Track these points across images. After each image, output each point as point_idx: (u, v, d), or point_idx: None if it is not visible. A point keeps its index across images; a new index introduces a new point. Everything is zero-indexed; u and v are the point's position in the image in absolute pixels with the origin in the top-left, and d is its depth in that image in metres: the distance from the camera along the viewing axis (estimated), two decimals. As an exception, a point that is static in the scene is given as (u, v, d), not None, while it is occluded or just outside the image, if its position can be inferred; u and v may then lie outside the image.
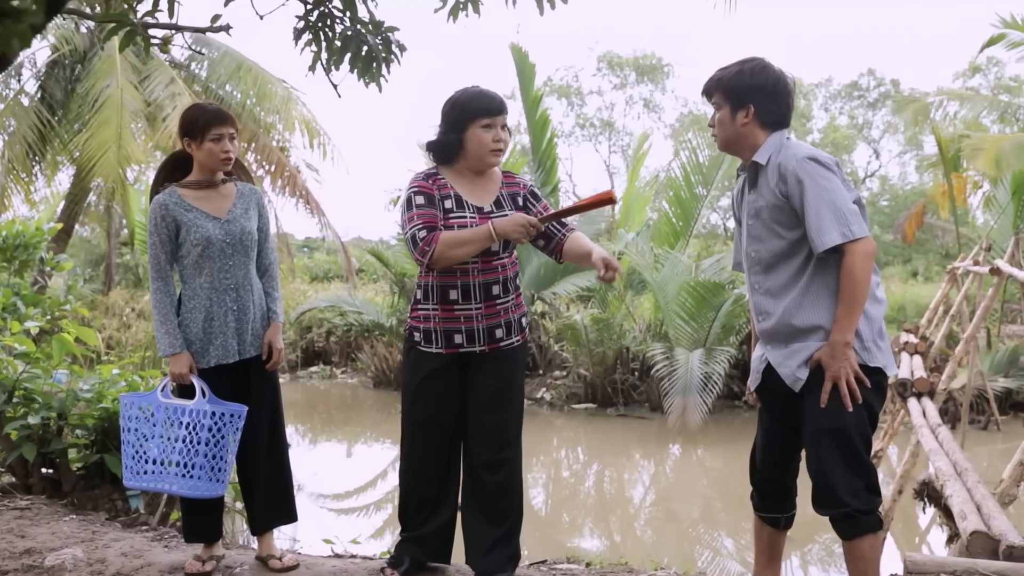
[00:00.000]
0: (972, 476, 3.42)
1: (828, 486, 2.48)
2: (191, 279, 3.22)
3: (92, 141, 10.02)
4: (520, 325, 3.12)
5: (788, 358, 2.59)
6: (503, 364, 3.07)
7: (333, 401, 13.91)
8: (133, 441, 3.02)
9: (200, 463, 2.97)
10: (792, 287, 2.57)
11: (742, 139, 2.66)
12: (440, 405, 3.09)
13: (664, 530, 7.37)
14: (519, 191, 3.10)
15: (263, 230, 3.39)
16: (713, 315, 10.72)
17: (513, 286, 3.09)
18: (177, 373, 3.11)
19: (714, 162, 12.45)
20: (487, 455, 3.08)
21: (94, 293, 15.29)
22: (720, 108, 2.67)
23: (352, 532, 6.53)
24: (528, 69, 13.40)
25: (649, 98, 34.23)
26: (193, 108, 3.32)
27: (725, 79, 2.66)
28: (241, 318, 3.24)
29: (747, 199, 2.70)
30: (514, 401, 3.12)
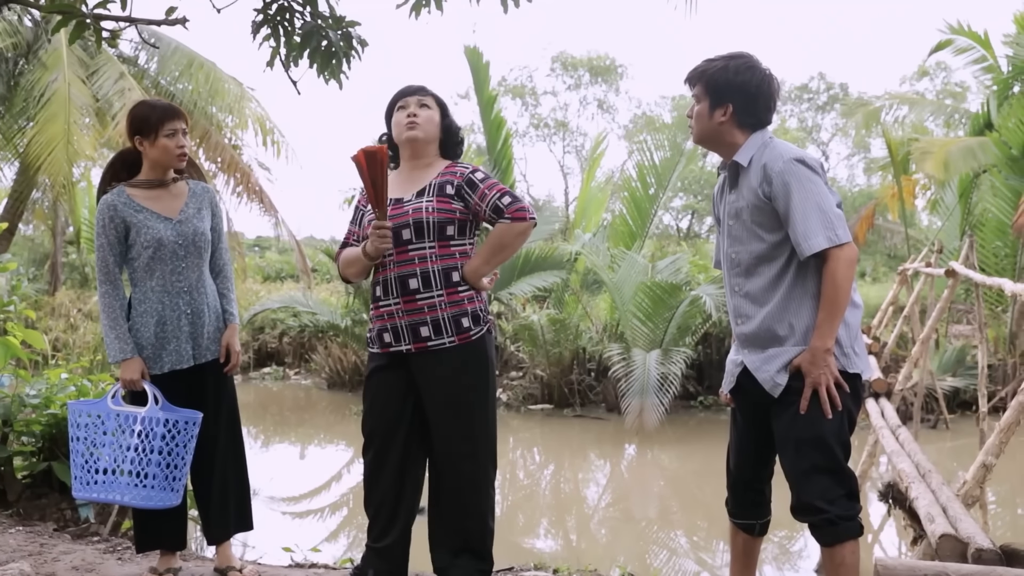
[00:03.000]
0: (936, 478, 3.44)
1: (808, 494, 2.45)
2: (142, 282, 3.11)
3: (39, 137, 9.73)
4: (457, 325, 2.85)
5: (766, 363, 2.55)
6: (441, 367, 2.87)
7: (286, 402, 13.70)
8: (82, 450, 2.90)
9: (153, 472, 2.87)
10: (773, 291, 2.53)
11: (717, 136, 2.61)
12: (386, 407, 2.94)
13: (621, 530, 7.36)
14: (453, 180, 2.92)
15: (216, 230, 3.29)
16: (669, 316, 10.75)
17: (442, 281, 2.85)
18: (128, 379, 3.00)
19: (669, 163, 12.51)
20: (440, 464, 2.95)
21: (39, 293, 14.89)
22: (699, 101, 2.61)
23: (310, 537, 6.41)
24: (482, 70, 13.35)
25: (603, 99, 34.40)
26: (142, 105, 3.20)
27: (709, 72, 2.59)
28: (195, 322, 3.13)
29: (727, 199, 2.65)
30: (461, 408, 2.88)
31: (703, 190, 30.18)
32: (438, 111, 3.02)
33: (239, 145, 11.89)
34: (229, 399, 3.19)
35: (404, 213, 2.89)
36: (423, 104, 2.99)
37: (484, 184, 2.89)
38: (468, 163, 3.04)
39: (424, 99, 3.01)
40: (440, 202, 2.87)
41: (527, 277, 11.77)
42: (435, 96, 3.05)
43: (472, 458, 2.91)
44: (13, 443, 4.00)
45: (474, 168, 2.97)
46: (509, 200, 2.84)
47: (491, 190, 2.87)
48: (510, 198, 2.85)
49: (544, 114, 33.99)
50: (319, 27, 3.21)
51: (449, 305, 2.85)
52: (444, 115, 3.05)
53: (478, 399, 2.90)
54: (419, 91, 3.03)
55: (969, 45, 12.99)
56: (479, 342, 2.89)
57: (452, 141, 3.07)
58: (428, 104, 3.00)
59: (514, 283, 11.94)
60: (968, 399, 11.13)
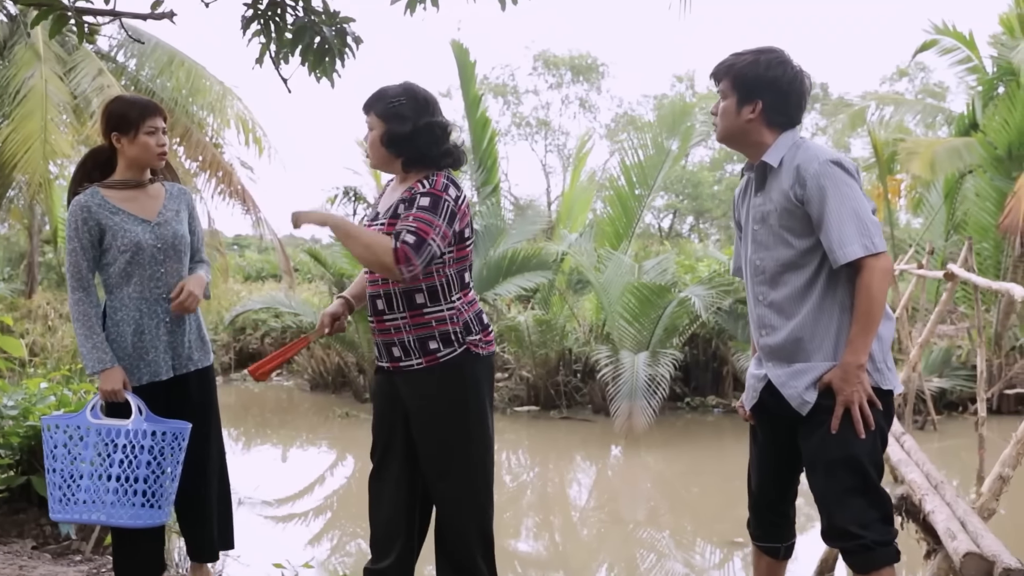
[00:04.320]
0: (949, 490, 3.35)
1: (841, 518, 2.32)
2: (117, 289, 2.94)
3: (15, 135, 9.51)
4: (423, 347, 2.74)
5: (793, 378, 2.42)
6: (413, 387, 2.79)
7: (268, 404, 13.53)
8: (60, 468, 2.71)
9: (140, 489, 2.69)
10: (802, 302, 2.40)
11: (744, 135, 2.48)
12: (382, 420, 2.91)
13: (608, 533, 7.28)
14: (407, 196, 2.76)
15: (195, 233, 3.13)
16: (656, 317, 10.67)
17: (405, 303, 2.75)
18: (109, 390, 2.83)
19: (655, 163, 12.42)
20: (429, 487, 2.87)
21: (14, 294, 14.61)
22: (726, 97, 2.48)
23: (297, 543, 6.29)
24: (469, 67, 13.21)
25: (585, 98, 34.37)
26: (119, 101, 3.03)
27: (737, 67, 2.45)
28: (175, 330, 2.97)
29: (752, 202, 2.51)
30: (435, 429, 2.78)
31: (684, 189, 30.20)
32: (380, 128, 2.79)
33: (220, 143, 11.71)
34: (213, 412, 3.05)
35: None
36: (369, 126, 2.83)
37: (416, 210, 2.68)
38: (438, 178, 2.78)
39: (368, 119, 2.83)
40: (390, 225, 2.74)
41: (513, 277, 11.65)
42: (377, 109, 2.81)
43: (447, 478, 2.81)
44: (-10, 456, 3.84)
45: (430, 191, 2.73)
46: (412, 240, 2.61)
47: (413, 221, 2.65)
48: (414, 239, 2.62)
49: (526, 113, 33.92)
50: (312, 23, 3.08)
51: (413, 328, 2.76)
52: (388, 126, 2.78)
53: (453, 421, 2.79)
54: (365, 109, 2.85)
55: (954, 46, 13.00)
56: (450, 364, 2.76)
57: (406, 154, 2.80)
58: (369, 125, 2.83)
59: (499, 283, 11.82)
60: (955, 400, 11.13)
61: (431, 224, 2.67)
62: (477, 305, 2.89)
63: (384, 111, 2.79)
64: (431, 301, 2.77)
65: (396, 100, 2.79)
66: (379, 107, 2.80)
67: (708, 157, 32.80)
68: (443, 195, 2.73)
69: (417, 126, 2.78)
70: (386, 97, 2.80)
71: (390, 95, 2.80)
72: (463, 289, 2.85)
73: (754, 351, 2.63)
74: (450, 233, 2.73)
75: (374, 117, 2.80)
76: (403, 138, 2.78)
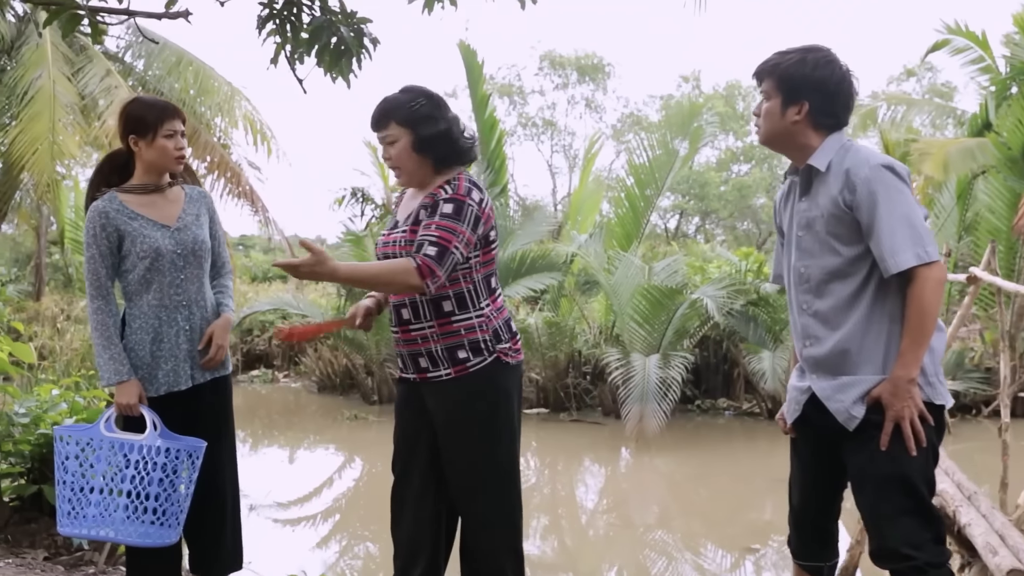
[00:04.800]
0: (984, 501, 3.27)
1: (892, 538, 2.22)
2: (137, 296, 2.86)
3: (23, 136, 9.45)
4: (452, 357, 2.67)
5: (839, 392, 2.32)
6: (441, 398, 2.71)
7: (275, 406, 13.49)
8: (71, 481, 2.63)
9: (152, 507, 2.60)
10: (849, 312, 2.30)
11: (789, 137, 2.38)
12: (405, 433, 2.82)
13: (618, 536, 7.22)
14: (428, 203, 2.67)
15: (216, 237, 3.04)
16: (667, 319, 10.60)
17: (432, 312, 2.67)
18: (125, 404, 2.75)
19: (664, 164, 12.33)
20: (453, 499, 2.78)
21: (21, 295, 14.57)
22: (770, 98, 2.38)
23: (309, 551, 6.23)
24: (476, 68, 13.13)
25: (591, 98, 34.30)
26: (137, 103, 2.94)
27: (782, 67, 2.35)
28: (194, 339, 2.89)
29: (796, 207, 2.42)
30: (463, 442, 2.70)
31: (691, 190, 30.10)
32: (408, 135, 2.70)
33: (228, 144, 11.65)
34: (229, 424, 2.96)
35: (389, 244, 2.75)
36: (389, 141, 2.72)
37: (438, 218, 2.60)
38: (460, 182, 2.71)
39: (387, 134, 2.72)
40: (412, 232, 2.68)
41: (522, 279, 11.58)
42: (397, 118, 2.71)
43: (477, 492, 2.73)
44: (1, 465, 3.76)
45: (453, 196, 2.65)
46: (434, 252, 2.53)
47: (436, 230, 2.57)
48: (436, 249, 2.54)
49: (532, 113, 33.87)
50: (330, 23, 3.01)
51: (441, 337, 2.68)
52: (417, 130, 2.70)
53: (482, 433, 2.71)
54: (378, 126, 2.73)
55: (966, 45, 12.88)
56: (480, 374, 2.68)
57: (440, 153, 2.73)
58: (392, 137, 2.71)
59: (508, 285, 11.76)
60: (968, 403, 11.04)
61: (454, 231, 2.59)
62: (506, 312, 2.81)
63: (408, 118, 2.69)
64: (459, 309, 2.69)
65: (416, 103, 2.70)
66: (400, 115, 2.70)
67: (714, 157, 32.72)
68: (466, 199, 2.65)
69: (448, 121, 2.73)
70: (402, 104, 2.70)
71: (407, 101, 2.71)
72: (491, 295, 2.77)
73: (795, 361, 2.54)
74: (474, 238, 2.66)
75: (396, 127, 2.70)
76: (437, 137, 2.70)
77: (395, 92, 2.76)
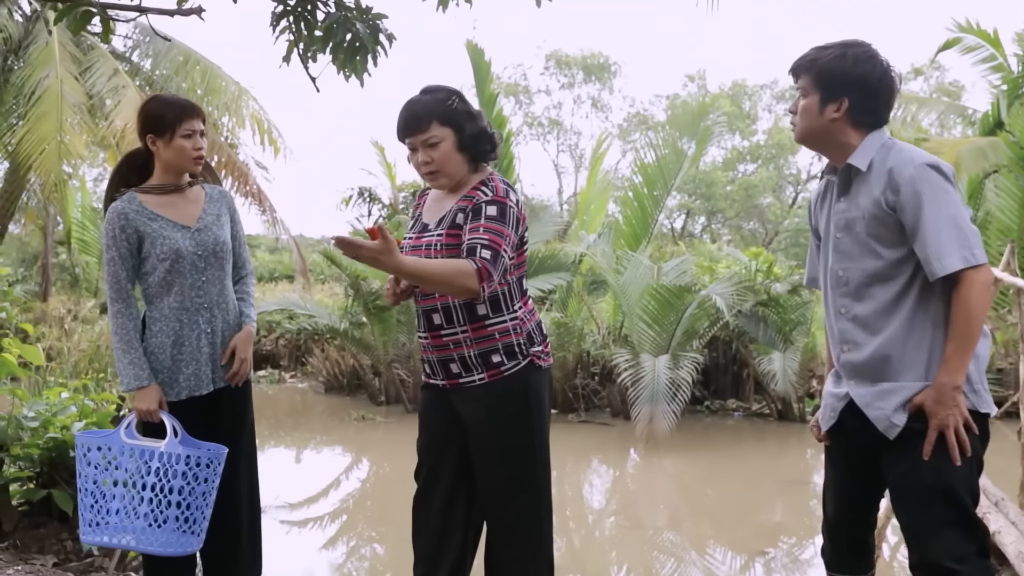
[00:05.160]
0: (1012, 507, 3.21)
1: (934, 551, 2.14)
2: (157, 299, 2.80)
3: (30, 136, 9.42)
4: (486, 362, 2.60)
5: (880, 399, 2.24)
6: (474, 404, 2.64)
7: (282, 406, 13.43)
8: (91, 488, 2.58)
9: (173, 514, 2.55)
10: (891, 317, 2.23)
11: (828, 135, 2.30)
12: (431, 440, 2.75)
13: (626, 538, 7.15)
14: (467, 206, 2.59)
15: (237, 237, 2.98)
16: (676, 319, 10.53)
17: (465, 316, 2.60)
18: (145, 410, 2.69)
19: (674, 163, 12.26)
20: (482, 507, 2.71)
21: (28, 295, 14.55)
22: (807, 94, 2.30)
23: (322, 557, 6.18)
24: (484, 67, 13.06)
25: (597, 97, 34.28)
26: (156, 101, 2.87)
27: (821, 62, 2.27)
28: (215, 342, 2.84)
29: (834, 208, 2.33)
30: (497, 449, 2.63)
31: (697, 189, 30.03)
32: (452, 135, 2.62)
33: (236, 144, 11.62)
34: (248, 430, 2.90)
35: (419, 248, 2.65)
36: (431, 143, 2.61)
37: (484, 220, 2.53)
38: (496, 183, 2.64)
39: (429, 136, 2.60)
40: (449, 236, 2.60)
41: (531, 279, 11.51)
42: (439, 118, 2.61)
43: (510, 501, 2.65)
44: (9, 469, 3.71)
45: (494, 198, 2.58)
46: (489, 255, 2.47)
47: (485, 233, 2.50)
48: (491, 253, 2.47)
49: (538, 112, 33.84)
50: (345, 19, 2.95)
51: (475, 342, 2.61)
52: (461, 129, 2.63)
53: (517, 439, 2.64)
54: (418, 128, 2.61)
55: (977, 44, 12.80)
56: (514, 378, 2.62)
57: (479, 150, 2.68)
58: (436, 139, 2.61)
59: (517, 285, 11.70)
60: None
61: (502, 235, 2.52)
62: (536, 314, 2.75)
63: (450, 116, 2.62)
64: (493, 312, 2.62)
65: (451, 101, 2.63)
66: (441, 115, 2.61)
67: (721, 157, 32.64)
68: (507, 201, 2.59)
69: (483, 117, 2.69)
70: (440, 102, 2.62)
71: (443, 99, 2.63)
72: (523, 296, 2.71)
73: (830, 367, 2.46)
74: (516, 240, 2.60)
75: (439, 128, 2.61)
76: (478, 135, 2.64)
77: (417, 95, 2.67)
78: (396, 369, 11.86)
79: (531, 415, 2.65)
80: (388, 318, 11.54)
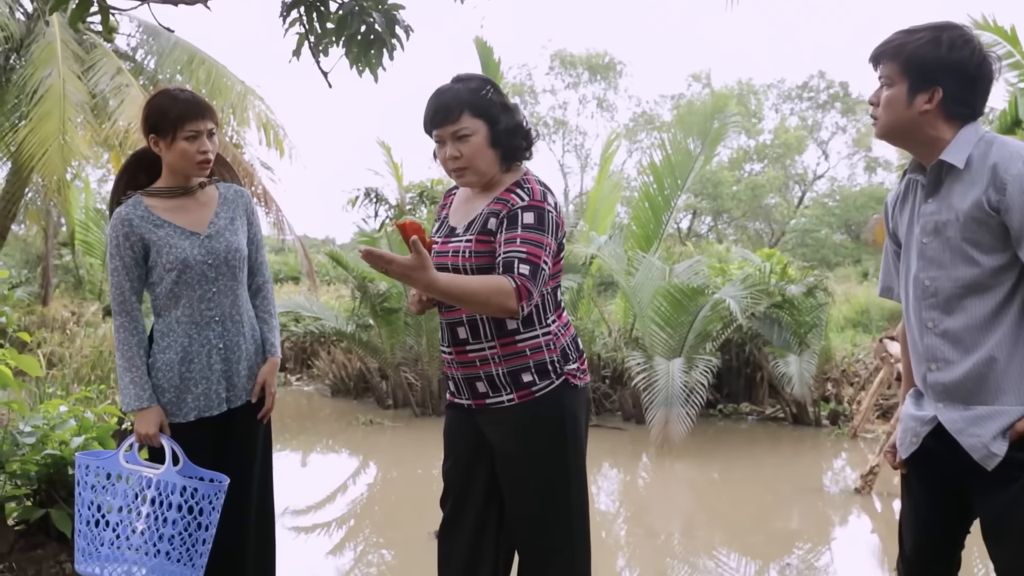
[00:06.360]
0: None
1: None
2: (165, 311, 2.59)
3: (32, 136, 9.26)
4: (515, 381, 2.40)
5: (975, 424, 2.01)
6: (502, 427, 2.44)
7: (288, 410, 13.27)
8: (86, 515, 2.40)
9: (164, 549, 2.36)
10: (988, 332, 1.99)
11: (916, 129, 2.07)
12: (457, 465, 2.55)
13: (638, 543, 6.99)
14: (501, 211, 2.38)
15: (254, 241, 2.77)
16: (689, 321, 10.35)
17: (494, 330, 2.40)
18: (144, 434, 2.49)
19: (684, 163, 12.07)
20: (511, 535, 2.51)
21: (31, 297, 14.39)
22: (892, 84, 2.06)
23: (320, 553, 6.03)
24: (493, 65, 12.89)
25: (602, 97, 34.17)
26: (161, 96, 2.64)
27: (911, 47, 2.03)
28: (229, 357, 2.63)
29: (921, 210, 2.11)
30: (526, 474, 2.42)
31: (704, 189, 29.86)
32: (484, 128, 2.41)
33: (241, 144, 11.46)
34: (264, 453, 2.70)
35: (446, 254, 2.43)
36: (461, 136, 2.40)
37: (521, 230, 2.31)
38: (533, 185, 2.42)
39: (460, 127, 2.39)
40: (480, 243, 2.39)
41: (541, 281, 11.32)
42: (472, 109, 2.39)
43: (542, 536, 2.44)
44: (5, 486, 3.53)
45: (531, 203, 2.36)
46: (528, 270, 2.26)
47: (522, 245, 2.29)
48: (530, 268, 2.27)
49: (543, 112, 33.72)
50: (361, 9, 2.76)
51: (504, 359, 2.41)
52: (495, 122, 2.42)
53: (549, 470, 2.43)
54: (448, 119, 2.39)
55: (994, 41, 12.53)
56: (547, 399, 2.41)
57: (513, 147, 2.46)
58: (467, 131, 2.39)
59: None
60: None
61: (541, 244, 2.31)
62: (572, 328, 2.53)
63: (484, 108, 2.41)
64: (524, 326, 2.40)
65: (486, 91, 2.42)
66: (474, 105, 2.40)
67: (727, 156, 32.49)
68: (544, 205, 2.37)
69: (519, 110, 2.47)
70: (473, 92, 2.41)
71: (476, 89, 2.42)
72: (557, 309, 2.50)
73: (909, 385, 2.23)
74: (555, 247, 2.39)
75: (471, 119, 2.39)
76: (513, 129, 2.43)
77: (448, 83, 2.47)
78: (404, 372, 11.70)
79: (565, 437, 2.44)
80: (395, 320, 11.38)
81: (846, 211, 30.45)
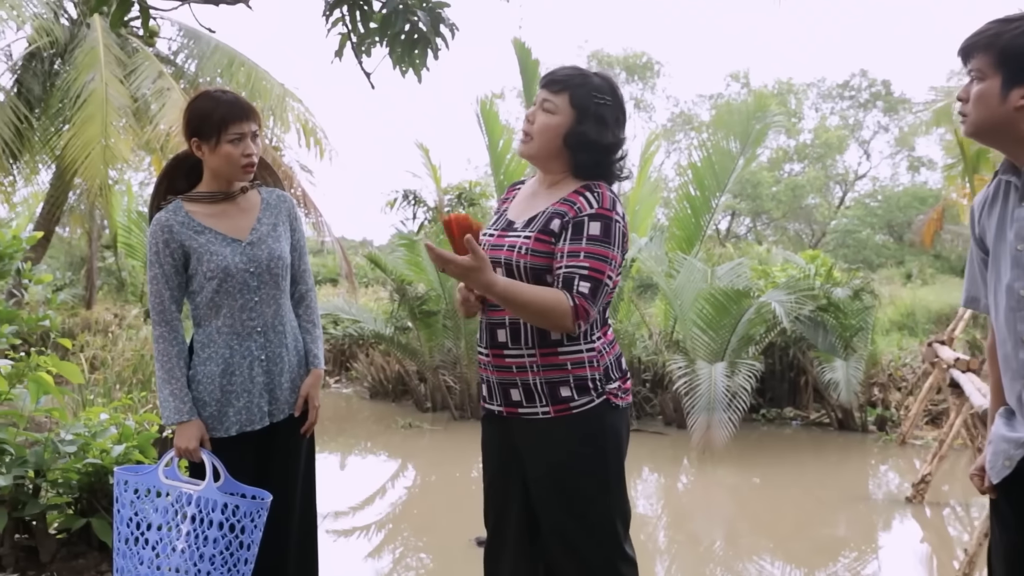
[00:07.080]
0: None
1: None
2: (206, 321, 2.50)
3: (75, 140, 9.35)
4: (552, 393, 2.27)
5: None
6: (538, 442, 2.31)
7: (327, 412, 13.25)
8: (126, 533, 2.32)
9: (206, 570, 2.29)
10: None
11: (1011, 127, 1.89)
12: (495, 480, 2.44)
13: (680, 550, 6.87)
14: (566, 213, 2.25)
15: (298, 249, 2.67)
16: (732, 325, 10.18)
17: (536, 338, 2.27)
18: (184, 448, 2.42)
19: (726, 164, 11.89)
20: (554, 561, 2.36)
21: (75, 300, 14.55)
22: (984, 78, 1.90)
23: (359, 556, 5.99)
24: (531, 66, 12.79)
25: (640, 97, 33.96)
26: (203, 99, 2.57)
27: (1006, 38, 1.86)
28: (271, 369, 2.54)
29: (1015, 215, 1.94)
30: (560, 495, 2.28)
31: (744, 190, 29.52)
32: (570, 114, 2.30)
33: (280, 146, 11.49)
34: (307, 468, 2.61)
35: (500, 247, 2.31)
36: (546, 107, 2.31)
37: (586, 242, 2.21)
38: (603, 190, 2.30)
39: (553, 97, 2.31)
40: (539, 242, 2.26)
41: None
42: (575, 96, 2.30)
43: (574, 555, 2.31)
44: (46, 496, 3.49)
45: (599, 212, 2.24)
46: (588, 288, 2.18)
47: (586, 259, 2.19)
48: (590, 285, 2.18)
49: (580, 113, 33.61)
50: (405, 7, 2.68)
51: (543, 368, 2.28)
52: (579, 120, 2.30)
53: (586, 485, 2.30)
54: (551, 83, 2.32)
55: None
56: (584, 417, 2.28)
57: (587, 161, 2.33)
58: (554, 105, 2.31)
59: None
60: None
61: (606, 259, 2.20)
62: (617, 346, 2.41)
63: (583, 102, 2.30)
64: (568, 338, 2.28)
65: (602, 97, 2.31)
66: (580, 94, 2.30)
67: (767, 156, 32.12)
68: (613, 215, 2.25)
69: (617, 138, 2.33)
70: (590, 86, 2.31)
71: (596, 87, 2.32)
72: (603, 326, 2.37)
73: (1000, 402, 2.07)
74: (621, 261, 2.27)
75: (565, 101, 2.30)
76: (592, 145, 2.30)
77: (598, 73, 2.38)
78: (442, 375, 11.64)
79: (606, 459, 2.32)
80: (434, 323, 11.32)
81: (889, 211, 29.95)
